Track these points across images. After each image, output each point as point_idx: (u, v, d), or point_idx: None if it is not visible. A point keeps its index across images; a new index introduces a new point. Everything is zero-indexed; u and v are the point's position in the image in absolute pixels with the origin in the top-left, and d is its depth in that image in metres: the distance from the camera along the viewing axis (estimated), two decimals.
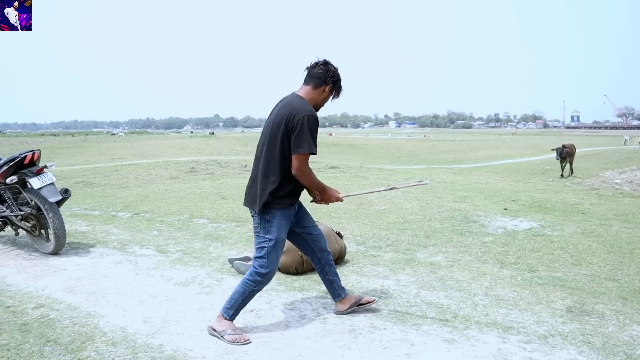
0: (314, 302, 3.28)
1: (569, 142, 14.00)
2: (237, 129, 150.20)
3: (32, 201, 4.45)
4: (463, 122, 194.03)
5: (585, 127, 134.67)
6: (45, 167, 4.53)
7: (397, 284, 3.64)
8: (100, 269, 4.06)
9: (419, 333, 2.80)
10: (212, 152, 21.45)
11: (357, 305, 3.09)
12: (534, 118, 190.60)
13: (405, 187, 3.49)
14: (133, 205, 7.19)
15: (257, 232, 2.77)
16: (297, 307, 3.21)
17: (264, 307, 3.22)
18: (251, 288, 2.77)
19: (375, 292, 3.46)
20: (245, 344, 2.65)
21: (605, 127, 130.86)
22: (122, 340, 2.69)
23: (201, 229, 5.55)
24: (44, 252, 4.51)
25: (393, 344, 2.66)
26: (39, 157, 4.57)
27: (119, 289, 3.56)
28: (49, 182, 4.39)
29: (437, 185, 9.35)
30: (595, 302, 3.29)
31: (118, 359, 2.49)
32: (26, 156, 4.43)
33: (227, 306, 2.79)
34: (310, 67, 2.80)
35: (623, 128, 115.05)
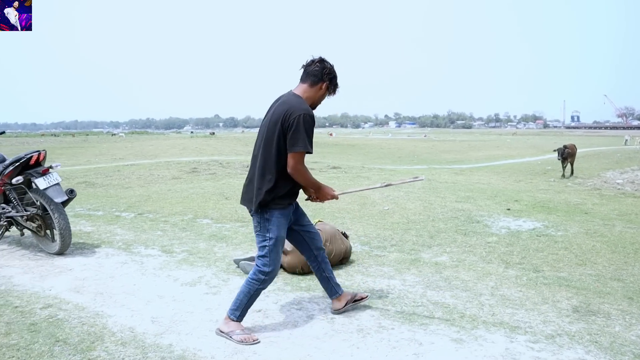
0: (321, 302, 3.29)
1: (569, 143, 14.00)
2: (238, 129, 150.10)
3: (38, 201, 4.46)
4: (463, 122, 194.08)
5: (585, 127, 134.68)
6: (51, 167, 4.53)
7: (403, 284, 3.66)
8: (106, 269, 4.07)
9: (426, 333, 2.81)
10: (213, 153, 21.46)
11: (353, 302, 3.11)
12: (534, 118, 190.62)
13: (400, 183, 3.51)
14: (136, 205, 7.20)
15: (258, 231, 2.79)
16: (305, 307, 3.23)
17: (272, 307, 3.23)
18: (256, 287, 2.78)
19: (382, 292, 3.47)
20: (254, 344, 2.66)
21: (606, 127, 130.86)
22: (131, 340, 2.70)
23: (205, 229, 5.56)
24: (49, 253, 4.52)
25: (401, 343, 2.67)
26: (44, 158, 4.58)
27: (126, 289, 3.57)
28: (54, 183, 4.40)
29: (439, 186, 9.36)
30: (601, 302, 3.30)
31: (128, 358, 2.50)
32: (32, 156, 4.45)
33: (233, 307, 2.81)
34: (306, 64, 2.81)
35: (623, 128, 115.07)
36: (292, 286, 3.62)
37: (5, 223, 4.72)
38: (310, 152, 2.68)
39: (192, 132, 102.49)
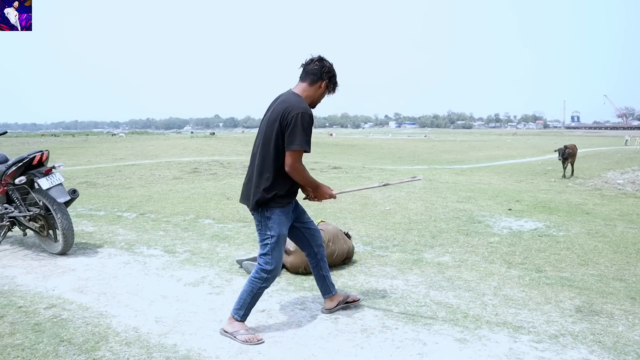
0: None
1: (570, 143, 14.00)
2: (238, 129, 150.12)
3: (41, 201, 4.46)
4: (463, 122, 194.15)
5: (585, 128, 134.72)
6: (54, 167, 4.54)
7: (406, 284, 3.66)
8: (109, 269, 4.07)
9: (430, 333, 2.81)
10: (214, 153, 21.45)
11: (344, 303, 3.13)
12: (534, 118, 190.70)
13: (398, 182, 3.50)
14: (138, 205, 7.21)
15: (259, 229, 2.80)
16: (308, 307, 3.23)
17: (275, 307, 3.23)
18: (258, 285, 2.79)
19: (385, 292, 3.48)
20: (258, 344, 2.67)
21: (606, 128, 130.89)
22: (136, 340, 2.71)
23: (207, 229, 5.57)
24: (52, 253, 4.52)
25: (405, 343, 2.68)
26: (47, 158, 4.58)
27: (129, 289, 3.57)
28: (57, 183, 4.40)
29: (440, 186, 9.37)
30: (604, 302, 3.31)
31: (133, 358, 2.51)
32: (35, 157, 4.45)
33: (237, 307, 2.81)
34: (305, 63, 2.82)
35: (623, 128, 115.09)
36: (296, 286, 3.62)
37: (8, 223, 4.72)
38: (308, 151, 2.68)
39: (192, 132, 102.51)
